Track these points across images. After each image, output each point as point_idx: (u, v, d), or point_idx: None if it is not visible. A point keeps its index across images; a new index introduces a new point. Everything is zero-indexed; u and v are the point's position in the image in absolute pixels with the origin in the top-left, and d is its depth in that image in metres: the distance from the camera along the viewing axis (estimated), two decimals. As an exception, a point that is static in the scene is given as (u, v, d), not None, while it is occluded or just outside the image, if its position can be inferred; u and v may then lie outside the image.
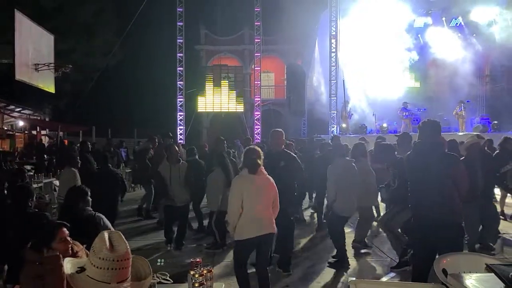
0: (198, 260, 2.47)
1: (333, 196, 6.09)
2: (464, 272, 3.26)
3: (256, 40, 20.74)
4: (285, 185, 5.11)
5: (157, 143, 10.17)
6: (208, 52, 28.75)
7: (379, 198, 7.22)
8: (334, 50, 18.08)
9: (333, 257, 6.30)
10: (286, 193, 5.11)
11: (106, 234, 1.87)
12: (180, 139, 20.26)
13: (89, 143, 10.84)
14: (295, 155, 6.33)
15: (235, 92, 21.04)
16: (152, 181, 9.08)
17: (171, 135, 10.08)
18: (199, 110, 21.33)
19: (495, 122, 18.41)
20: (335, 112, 18.01)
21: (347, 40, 19.66)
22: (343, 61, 19.27)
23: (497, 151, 8.09)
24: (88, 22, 24.51)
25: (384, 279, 5.72)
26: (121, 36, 20.75)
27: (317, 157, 9.02)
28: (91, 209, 4.26)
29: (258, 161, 4.35)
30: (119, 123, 24.15)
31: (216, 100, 20.97)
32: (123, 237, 1.90)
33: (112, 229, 3.77)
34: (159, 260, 4.09)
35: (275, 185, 4.43)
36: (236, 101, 21.06)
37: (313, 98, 21.92)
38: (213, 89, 20.91)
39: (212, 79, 20.96)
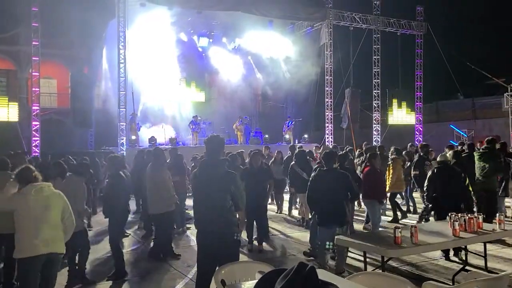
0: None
1: None
2: (240, 281, 3.80)
3: (34, 43, 18.61)
4: None
5: None
6: (-28, 50, 24.47)
7: None
8: (122, 61, 17.77)
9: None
10: None
11: None
12: None
13: None
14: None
15: (7, 98, 18.45)
16: None
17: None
18: (-43, 119, 17.92)
19: (266, 135, 21.20)
20: (124, 124, 17.73)
21: (135, 51, 19.62)
22: (132, 72, 19.14)
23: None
24: None
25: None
26: None
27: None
28: None
29: None
30: None
31: (-17, 107, 17.98)
32: None
33: None
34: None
35: None
36: (8, 109, 18.48)
37: (102, 108, 21.05)
38: (-22, 94, 17.88)
39: (-24, 83, 17.91)
